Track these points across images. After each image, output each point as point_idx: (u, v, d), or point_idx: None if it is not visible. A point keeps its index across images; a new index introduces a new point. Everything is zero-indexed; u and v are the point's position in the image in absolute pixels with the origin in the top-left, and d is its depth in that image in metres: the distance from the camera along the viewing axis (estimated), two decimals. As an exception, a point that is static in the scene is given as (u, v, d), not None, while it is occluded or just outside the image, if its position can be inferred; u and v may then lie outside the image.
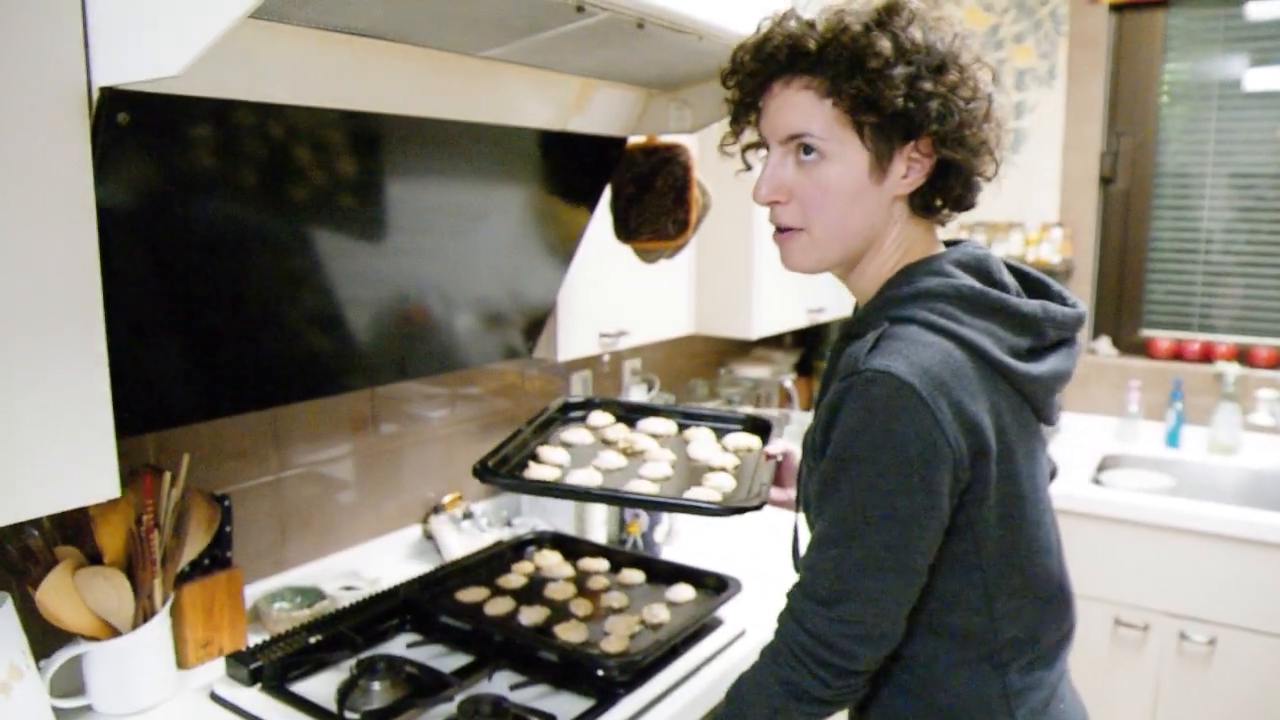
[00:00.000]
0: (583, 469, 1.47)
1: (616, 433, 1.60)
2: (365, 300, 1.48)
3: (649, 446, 1.55)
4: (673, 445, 1.59)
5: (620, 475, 1.47)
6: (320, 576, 1.73)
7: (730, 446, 1.56)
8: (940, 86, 0.97)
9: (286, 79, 1.09)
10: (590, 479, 1.44)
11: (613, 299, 1.98)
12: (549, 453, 1.51)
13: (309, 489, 1.75)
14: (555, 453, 1.51)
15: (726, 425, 1.65)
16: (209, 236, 1.19)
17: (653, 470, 1.46)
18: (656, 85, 1.59)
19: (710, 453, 1.53)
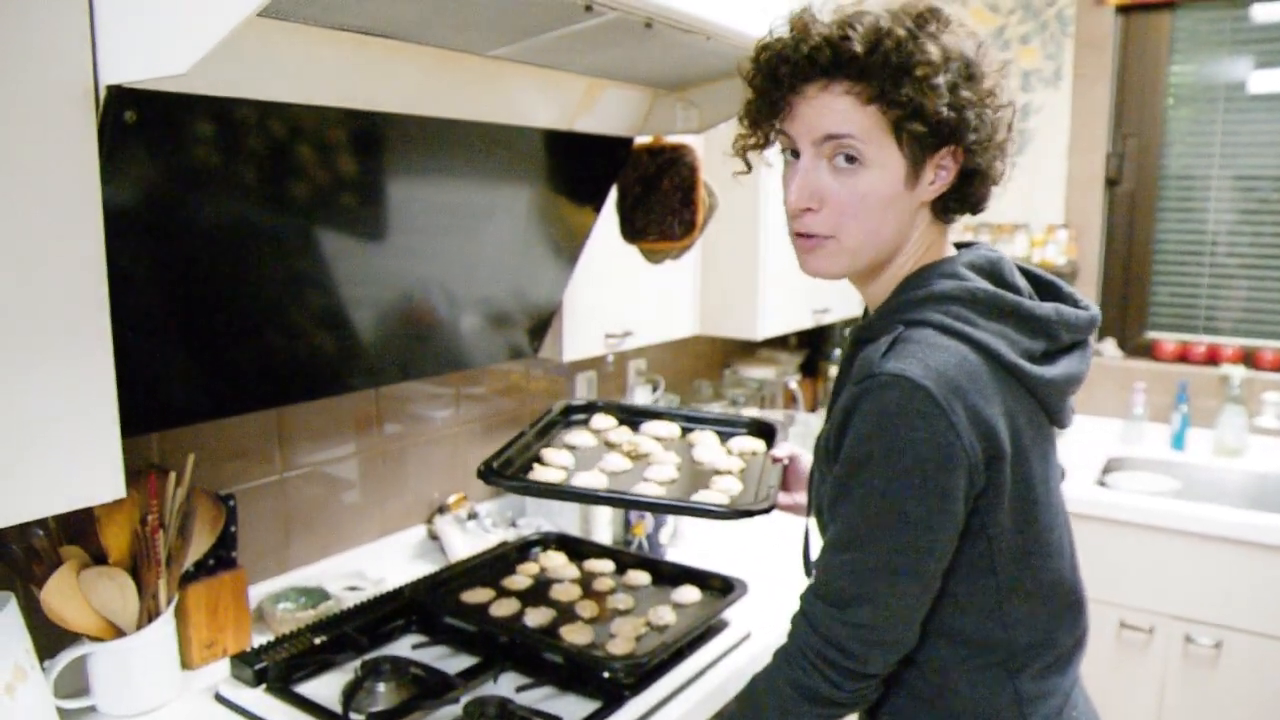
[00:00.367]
0: (588, 471, 1.46)
1: (620, 435, 1.59)
2: (370, 300, 1.47)
3: (653, 449, 1.55)
4: (677, 448, 1.59)
5: (626, 478, 1.46)
6: (325, 577, 1.72)
7: (735, 450, 1.55)
8: (976, 94, 0.97)
9: (293, 78, 1.09)
10: (596, 481, 1.43)
11: (618, 299, 1.97)
12: (553, 455, 1.50)
13: (313, 489, 1.75)
14: (559, 455, 1.50)
15: (730, 429, 1.65)
16: (214, 235, 1.19)
17: (658, 473, 1.45)
18: (663, 85, 1.59)
19: (715, 456, 1.52)
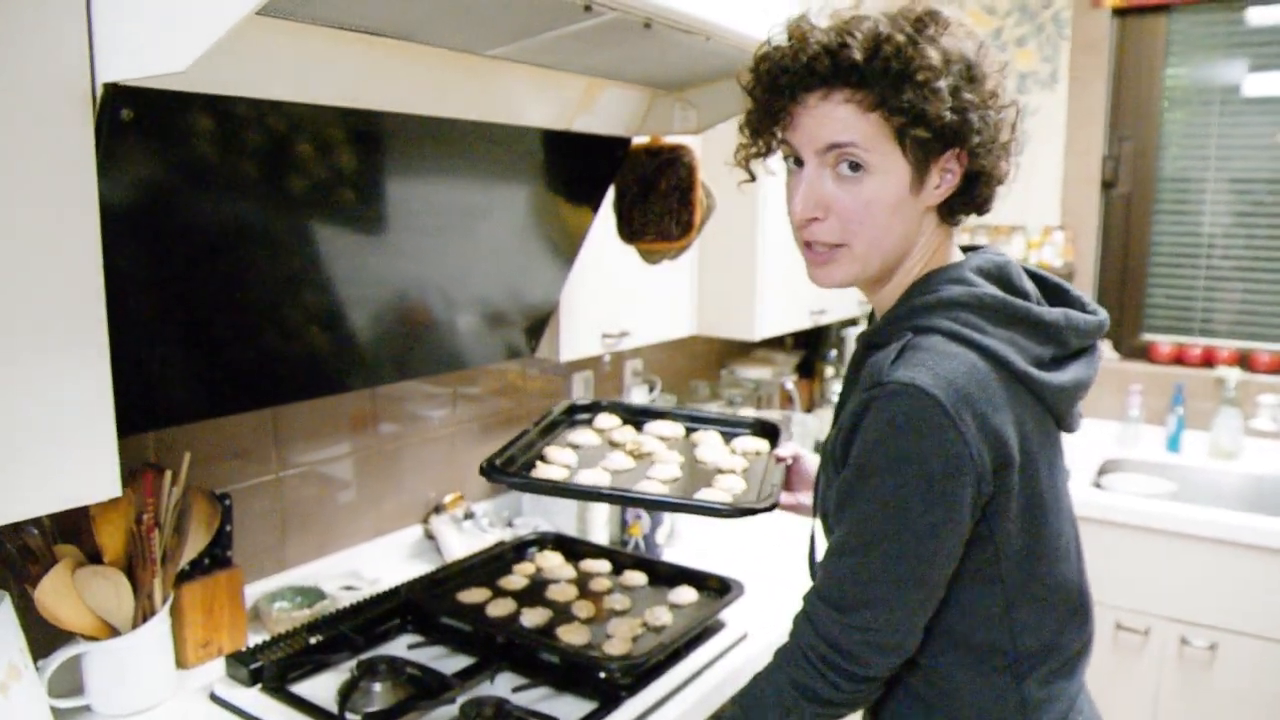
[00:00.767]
0: (591, 469, 1.46)
1: (623, 435, 1.59)
2: (367, 299, 1.47)
3: (656, 448, 1.55)
4: (680, 448, 1.59)
5: (629, 476, 1.46)
6: (320, 576, 1.72)
7: (738, 450, 1.55)
8: (979, 96, 0.96)
9: (291, 76, 1.08)
10: (599, 479, 1.43)
11: (615, 299, 1.97)
12: (556, 453, 1.50)
13: (309, 488, 1.75)
14: (563, 453, 1.51)
15: (734, 429, 1.65)
16: (211, 234, 1.19)
17: (662, 471, 1.45)
18: (662, 85, 1.59)
19: (719, 455, 1.52)
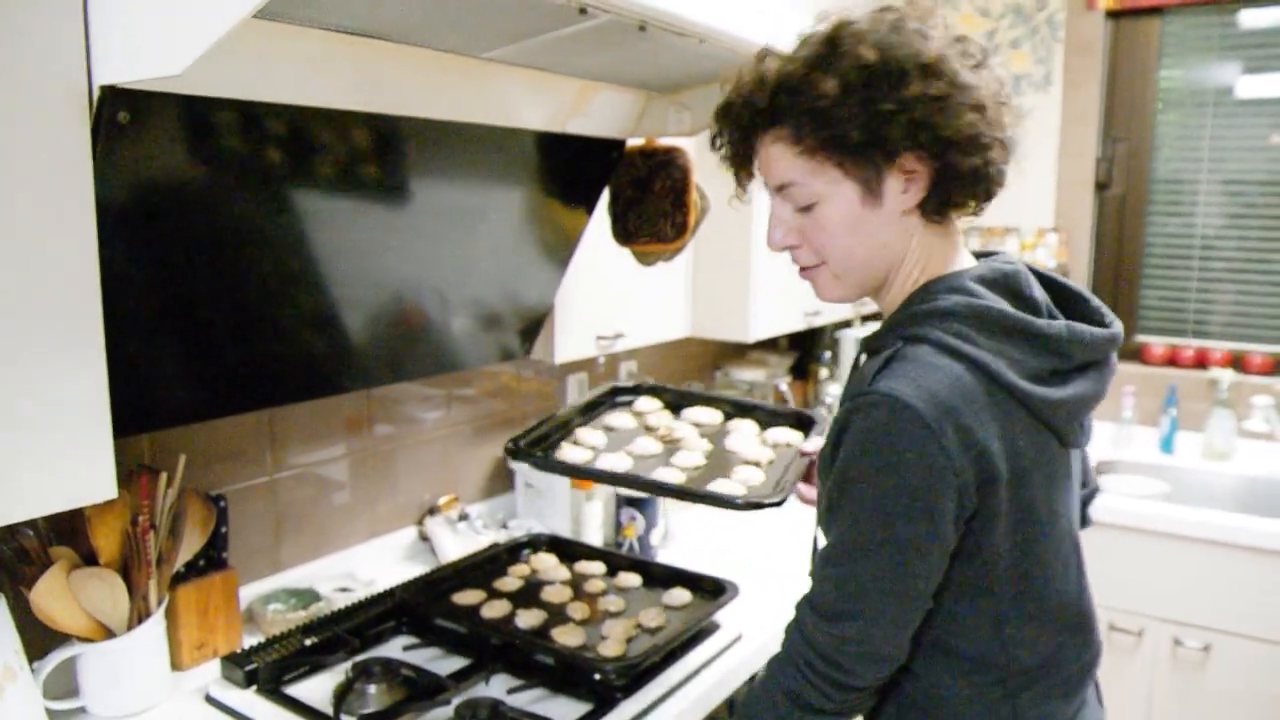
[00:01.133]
0: (614, 454, 1.47)
1: (659, 419, 1.61)
2: (362, 301, 1.47)
3: (687, 435, 1.56)
4: (713, 435, 1.59)
5: (651, 462, 1.47)
6: (315, 578, 1.72)
7: (770, 441, 1.55)
8: (903, 100, 0.94)
9: (286, 79, 1.09)
10: (620, 464, 1.44)
11: (610, 301, 1.98)
12: (587, 435, 1.52)
13: (304, 490, 1.75)
14: (593, 435, 1.53)
15: (772, 419, 1.64)
16: (207, 236, 1.19)
17: (685, 459, 1.46)
18: (656, 88, 1.59)
19: (747, 446, 1.52)
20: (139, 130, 0.97)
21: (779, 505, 1.30)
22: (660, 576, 1.70)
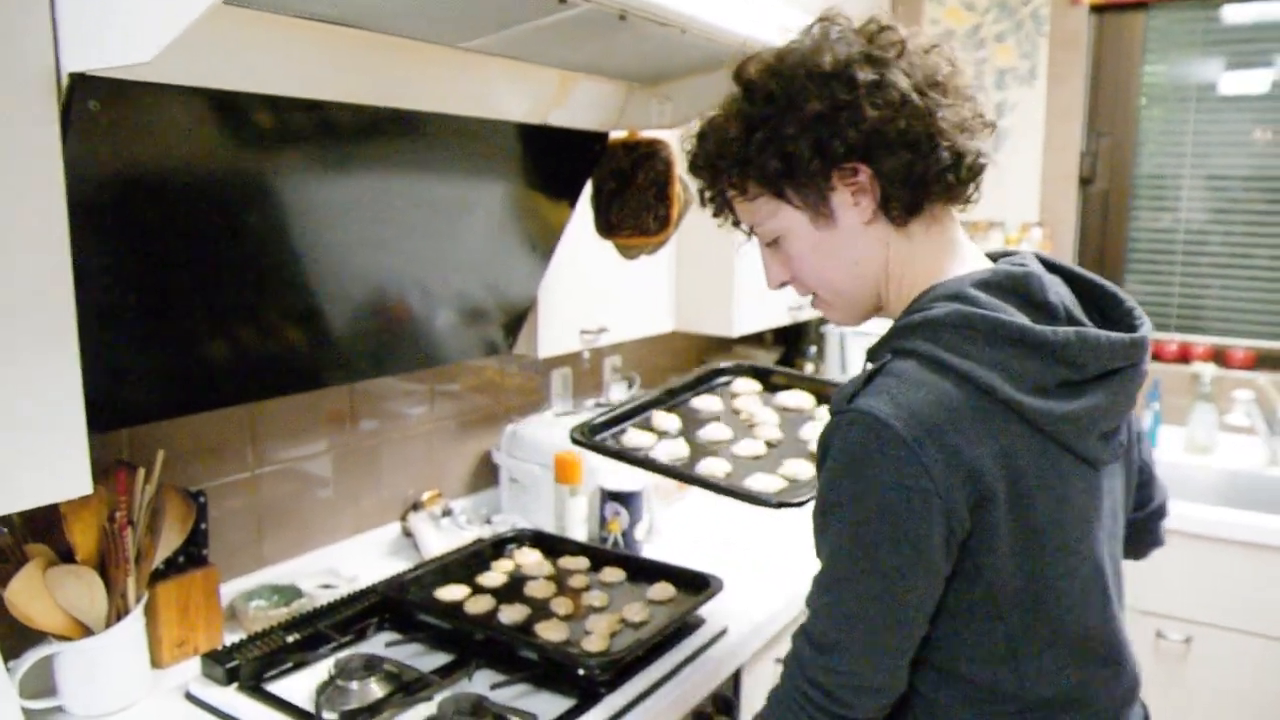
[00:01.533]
0: (674, 440, 1.54)
1: (747, 404, 1.61)
2: (343, 294, 1.46)
3: (766, 421, 1.56)
4: (793, 422, 1.60)
5: (709, 449, 1.51)
6: (298, 574, 1.71)
7: None
8: (803, 119, 0.94)
9: (261, 68, 1.07)
10: (677, 451, 1.49)
11: (593, 295, 1.97)
12: (661, 419, 1.59)
13: (287, 486, 1.73)
14: (668, 419, 1.59)
15: None
16: (182, 228, 1.17)
17: (746, 448, 1.47)
18: (638, 79, 1.58)
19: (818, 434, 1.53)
20: (110, 119, 0.95)
21: (801, 506, 1.29)
22: (644, 571, 1.69)
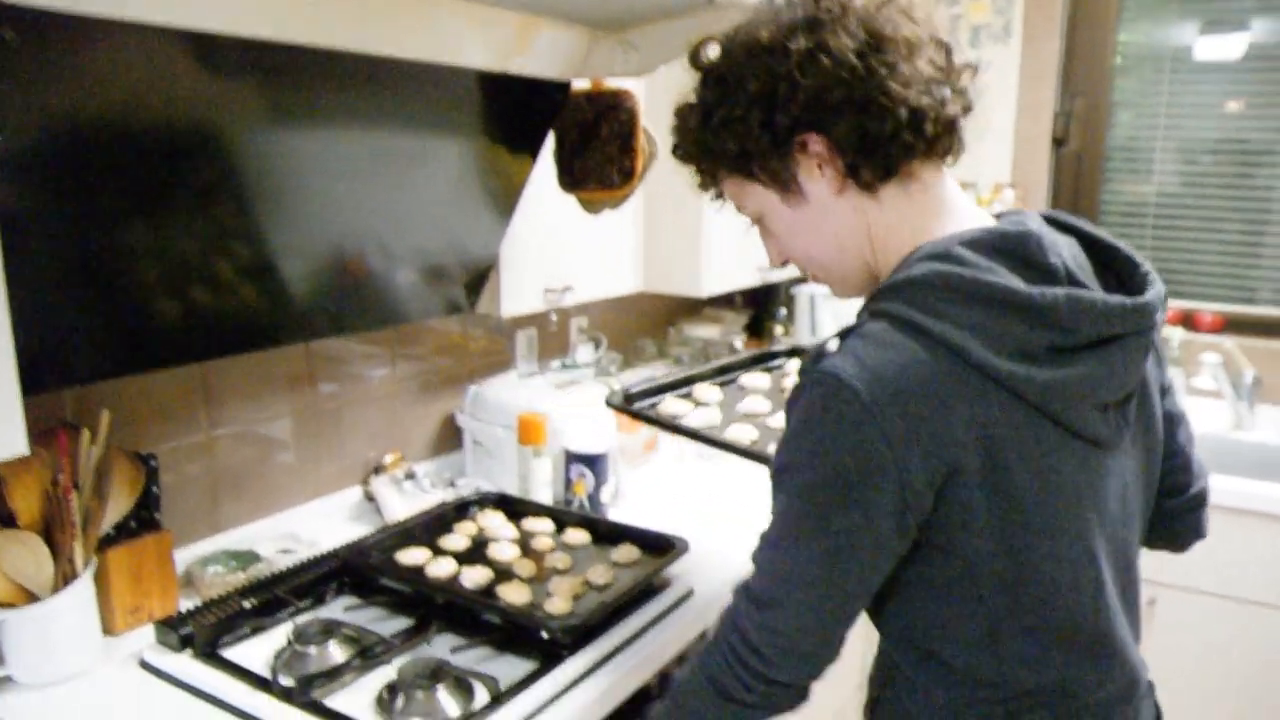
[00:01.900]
0: (708, 408, 1.57)
1: (794, 380, 1.63)
2: (297, 249, 1.41)
3: None
4: None
5: (741, 419, 1.54)
6: (256, 539, 1.67)
7: None
8: (748, 95, 0.94)
9: (200, 3, 1.01)
10: (710, 419, 1.53)
11: (557, 253, 1.92)
12: (703, 390, 1.64)
13: (243, 449, 1.69)
14: (710, 391, 1.64)
15: None
16: (119, 176, 1.12)
17: (779, 419, 1.47)
18: (602, 25, 1.53)
19: None
20: (33, 54, 0.90)
21: None
22: (609, 533, 1.67)
